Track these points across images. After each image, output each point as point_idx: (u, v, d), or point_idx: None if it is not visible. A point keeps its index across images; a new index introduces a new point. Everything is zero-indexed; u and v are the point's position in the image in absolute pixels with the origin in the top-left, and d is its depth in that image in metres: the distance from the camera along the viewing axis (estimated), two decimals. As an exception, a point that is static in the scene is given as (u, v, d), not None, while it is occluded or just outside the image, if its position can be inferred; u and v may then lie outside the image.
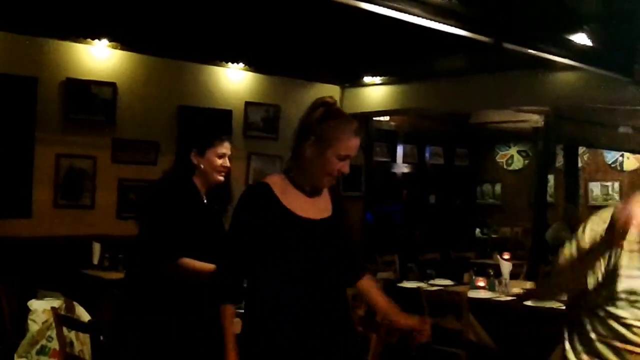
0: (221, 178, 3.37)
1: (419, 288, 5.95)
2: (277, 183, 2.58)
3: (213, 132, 3.41)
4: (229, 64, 7.99)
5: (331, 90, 8.97)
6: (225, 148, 3.36)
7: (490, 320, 5.45)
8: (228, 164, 3.37)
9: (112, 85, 7.09)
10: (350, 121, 2.61)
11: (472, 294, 5.69)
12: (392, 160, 10.78)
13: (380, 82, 8.84)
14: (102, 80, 7.04)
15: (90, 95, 6.95)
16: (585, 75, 6.87)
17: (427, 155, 11.40)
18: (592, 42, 5.95)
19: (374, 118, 9.78)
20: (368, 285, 2.88)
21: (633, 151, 12.08)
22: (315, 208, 2.62)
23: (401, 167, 10.92)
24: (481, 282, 6.03)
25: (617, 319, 2.38)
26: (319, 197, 2.67)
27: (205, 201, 3.38)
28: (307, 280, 2.52)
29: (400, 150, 10.88)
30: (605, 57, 6.28)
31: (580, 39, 5.92)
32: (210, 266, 3.07)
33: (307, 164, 2.57)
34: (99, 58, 7.05)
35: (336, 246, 2.63)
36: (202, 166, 3.32)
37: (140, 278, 3.25)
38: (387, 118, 10.14)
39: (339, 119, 2.59)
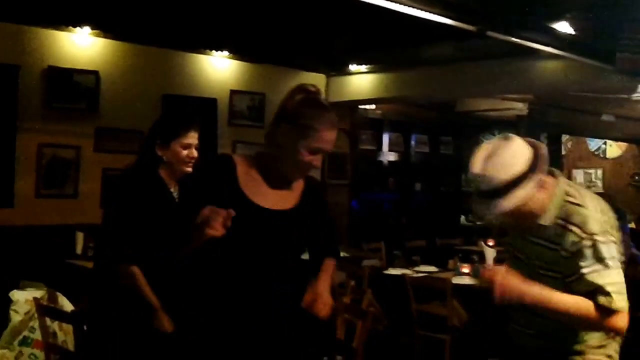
0: (188, 169, 3.22)
1: (404, 275, 5.97)
2: (242, 162, 2.45)
3: (177, 122, 3.26)
4: (214, 52, 7.95)
5: (317, 79, 8.95)
6: (191, 138, 3.22)
7: (474, 305, 5.49)
8: (195, 154, 3.23)
9: (94, 73, 7.03)
10: (328, 112, 2.43)
11: (457, 280, 5.72)
12: (378, 148, 10.80)
13: (366, 70, 8.83)
14: (84, 68, 6.98)
15: (72, 84, 6.89)
16: (569, 63, 6.89)
17: (412, 143, 11.42)
18: (575, 31, 5.97)
19: (360, 106, 9.78)
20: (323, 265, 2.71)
21: (616, 139, 12.18)
22: (275, 197, 2.46)
23: (387, 155, 10.94)
24: (465, 269, 6.06)
25: None
26: (286, 187, 2.51)
27: (174, 193, 3.24)
28: (246, 267, 2.41)
29: (386, 138, 10.90)
30: (588, 46, 6.31)
31: (564, 27, 5.93)
32: (151, 297, 3.06)
33: (278, 152, 2.42)
34: (81, 46, 6.99)
35: (289, 240, 2.50)
36: (165, 158, 3.20)
37: (107, 269, 3.21)
38: (373, 106, 10.14)
39: (317, 108, 2.42)
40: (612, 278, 2.32)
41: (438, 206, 11.51)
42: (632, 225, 10.81)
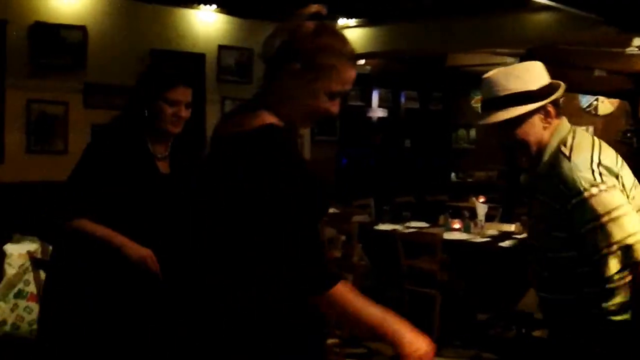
0: (175, 130, 2.85)
1: (394, 230, 6.00)
2: (279, 124, 1.96)
3: (165, 75, 2.86)
4: (201, 5, 7.85)
5: (306, 34, 8.87)
6: (180, 94, 2.83)
7: (465, 261, 5.52)
8: (184, 113, 2.85)
9: (81, 28, 6.94)
10: (349, 43, 1.95)
11: (447, 235, 5.75)
12: (366, 104, 10.76)
13: (354, 24, 8.74)
14: (71, 23, 6.88)
15: (59, 39, 6.80)
16: (560, 15, 6.84)
17: (402, 99, 11.38)
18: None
19: (349, 62, 9.72)
20: None
21: (608, 95, 12.13)
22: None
23: (376, 112, 10.90)
24: (456, 224, 6.09)
25: None
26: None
27: (154, 160, 2.86)
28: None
29: (375, 94, 10.86)
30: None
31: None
32: (109, 232, 2.73)
33: (287, 100, 1.93)
34: (68, 1, 6.88)
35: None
36: (150, 116, 2.83)
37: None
38: (362, 62, 10.07)
39: (336, 39, 1.94)
40: (619, 233, 2.15)
41: (428, 163, 11.53)
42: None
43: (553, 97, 2.28)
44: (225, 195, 1.90)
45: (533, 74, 2.28)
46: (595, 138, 2.37)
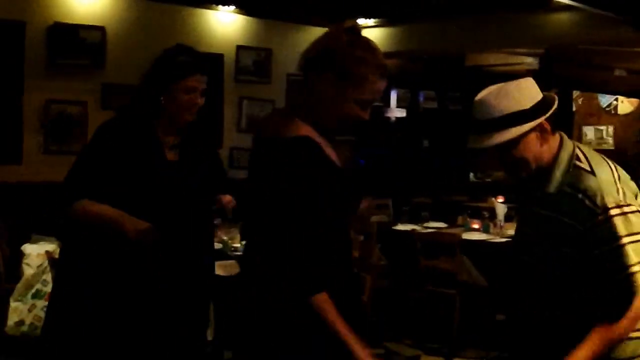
0: (188, 118, 2.79)
1: (413, 230, 5.97)
2: (312, 134, 2.14)
3: (181, 62, 2.80)
4: (220, 6, 7.85)
5: (323, 34, 8.84)
6: (196, 81, 2.77)
7: (484, 261, 5.49)
8: (199, 100, 2.79)
9: (100, 29, 6.96)
10: (381, 57, 2.12)
11: (467, 235, 5.72)
12: (385, 104, 10.71)
13: (373, 24, 8.72)
14: (90, 24, 6.91)
15: (78, 40, 6.83)
16: (580, 15, 6.78)
17: (420, 99, 11.32)
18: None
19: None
20: None
21: (628, 95, 12.05)
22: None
23: (394, 112, 10.85)
24: (475, 225, 6.06)
25: None
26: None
27: (163, 147, 2.78)
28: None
29: (393, 94, 10.80)
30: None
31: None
32: (107, 207, 2.66)
33: (320, 105, 2.11)
34: (86, 2, 6.91)
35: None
36: (163, 104, 2.75)
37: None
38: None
39: (370, 52, 2.09)
40: (631, 258, 2.08)
41: (446, 163, 11.45)
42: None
43: (548, 114, 2.21)
44: (253, 192, 2.16)
45: (525, 92, 2.22)
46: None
